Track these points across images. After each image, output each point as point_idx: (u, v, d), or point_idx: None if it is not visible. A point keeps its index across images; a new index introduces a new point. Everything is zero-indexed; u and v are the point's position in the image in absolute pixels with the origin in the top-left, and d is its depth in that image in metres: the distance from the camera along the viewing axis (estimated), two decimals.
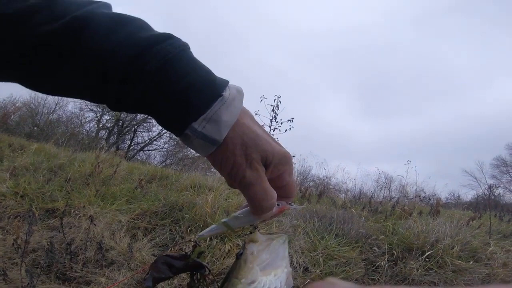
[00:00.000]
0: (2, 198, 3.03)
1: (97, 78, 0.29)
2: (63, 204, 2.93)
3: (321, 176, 8.29)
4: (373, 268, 2.77)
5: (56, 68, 0.29)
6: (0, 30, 0.28)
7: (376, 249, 2.99)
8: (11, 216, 2.83)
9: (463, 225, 3.74)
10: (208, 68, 0.32)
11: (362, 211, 4.35)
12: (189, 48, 0.32)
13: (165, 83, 0.29)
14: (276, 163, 0.34)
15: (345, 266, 2.68)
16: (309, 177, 9.78)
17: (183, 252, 0.41)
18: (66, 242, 2.30)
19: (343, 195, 6.76)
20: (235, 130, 0.32)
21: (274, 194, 0.34)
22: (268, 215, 0.36)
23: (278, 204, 0.37)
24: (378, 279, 2.61)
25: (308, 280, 2.46)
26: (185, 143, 0.33)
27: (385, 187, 8.74)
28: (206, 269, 0.40)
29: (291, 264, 2.65)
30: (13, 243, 2.18)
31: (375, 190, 7.35)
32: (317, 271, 2.57)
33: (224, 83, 0.32)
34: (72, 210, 2.87)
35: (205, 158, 0.34)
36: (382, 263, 2.75)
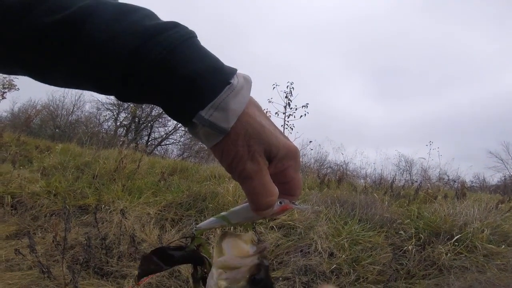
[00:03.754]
0: (37, 197, 3.18)
1: (102, 68, 0.29)
2: (94, 200, 3.07)
3: (338, 162, 8.20)
4: (400, 252, 2.74)
5: (60, 59, 0.29)
6: (4, 21, 0.28)
7: (403, 233, 2.96)
8: (47, 215, 2.97)
9: (492, 208, 3.62)
10: (216, 56, 0.32)
11: (384, 195, 4.28)
12: (196, 36, 0.31)
13: (171, 72, 0.29)
14: (280, 157, 0.33)
15: (371, 251, 2.67)
16: (326, 163, 9.71)
17: (182, 243, 0.40)
18: (100, 237, 2.41)
19: (362, 180, 6.67)
20: (240, 119, 0.30)
21: (274, 190, 0.32)
22: (267, 213, 0.34)
23: (280, 202, 0.35)
24: (406, 263, 2.59)
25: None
26: (191, 133, 0.33)
27: (406, 171, 8.56)
28: (206, 261, 0.39)
29: (316, 249, 2.67)
30: (52, 241, 2.31)
31: (396, 174, 7.21)
32: (343, 256, 2.57)
33: (232, 71, 0.31)
34: (103, 206, 2.99)
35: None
36: (409, 247, 2.71)
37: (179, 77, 0.29)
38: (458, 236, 2.79)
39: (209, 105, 0.29)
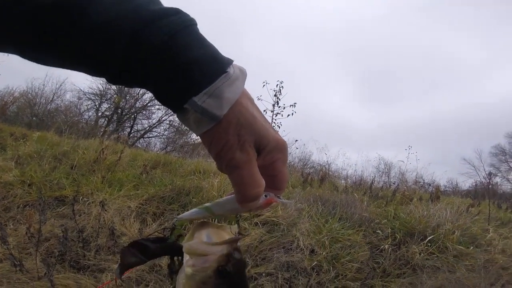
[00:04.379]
0: (10, 187, 3.03)
1: (99, 50, 0.29)
2: (72, 191, 2.96)
3: (321, 162, 8.36)
4: (377, 251, 2.84)
5: (58, 40, 0.28)
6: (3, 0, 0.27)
7: (380, 232, 3.06)
8: (20, 206, 2.84)
9: (463, 211, 3.82)
10: (214, 46, 0.32)
11: (364, 196, 4.41)
12: (196, 24, 0.32)
13: (170, 58, 0.29)
14: (270, 149, 0.33)
15: (350, 249, 2.75)
16: (310, 163, 9.88)
17: (161, 235, 0.39)
18: (77, 230, 2.33)
19: (343, 181, 6.83)
20: (233, 108, 0.31)
21: (262, 182, 0.32)
22: (253, 205, 0.34)
23: (265, 196, 0.34)
24: (382, 262, 2.69)
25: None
26: (180, 120, 0.33)
27: (385, 173, 8.86)
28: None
29: (298, 246, 2.71)
30: (26, 232, 2.20)
31: (375, 176, 7.44)
32: (323, 253, 2.63)
33: (229, 62, 0.32)
34: (81, 197, 2.89)
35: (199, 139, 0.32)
36: (385, 246, 2.82)
37: (178, 62, 0.29)
38: (431, 237, 2.93)
39: (203, 91, 0.29)
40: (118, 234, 2.41)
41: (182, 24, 0.30)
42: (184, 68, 0.29)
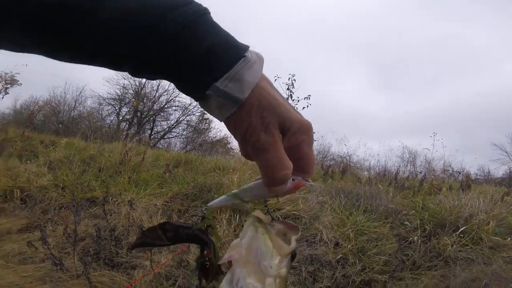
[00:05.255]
0: (46, 191, 3.22)
1: (114, 45, 0.29)
2: (101, 193, 3.09)
3: (342, 154, 8.18)
4: (406, 243, 2.75)
5: (76, 36, 0.29)
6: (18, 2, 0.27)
7: (408, 224, 2.97)
8: (56, 208, 3.01)
9: (498, 200, 3.61)
10: (229, 33, 0.32)
11: (389, 187, 4.27)
12: (209, 13, 0.32)
13: (185, 47, 0.29)
14: (294, 131, 0.32)
15: (377, 241, 2.69)
16: (329, 155, 9.70)
17: (192, 222, 0.38)
18: (109, 229, 2.43)
19: (366, 172, 6.65)
20: (254, 91, 0.31)
21: (289, 164, 0.32)
22: (281, 189, 0.33)
23: (293, 179, 0.34)
24: (411, 254, 2.60)
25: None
26: (203, 107, 0.33)
27: (410, 163, 8.53)
28: (211, 244, 0.37)
29: (321, 239, 2.68)
30: (63, 233, 2.33)
31: (399, 165, 7.16)
32: (348, 246, 2.59)
33: (246, 47, 0.32)
34: (110, 198, 3.02)
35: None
36: (414, 238, 2.73)
37: (195, 51, 0.29)
38: (463, 228, 2.80)
39: (224, 76, 0.30)
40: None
41: (196, 14, 0.30)
42: (203, 55, 0.30)
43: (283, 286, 0.32)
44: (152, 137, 12.57)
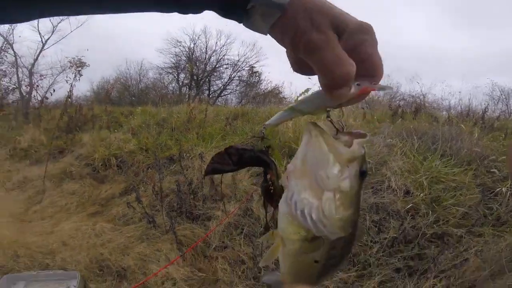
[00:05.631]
0: (134, 155, 3.76)
1: None
2: (177, 150, 3.53)
3: (414, 93, 7.08)
4: (491, 195, 2.39)
5: None
6: None
7: (496, 171, 2.53)
8: (144, 169, 3.49)
9: None
10: None
11: (474, 127, 3.59)
12: None
13: None
14: (351, 31, 0.29)
15: (455, 191, 2.40)
16: (398, 95, 8.42)
17: (252, 145, 0.37)
18: (187, 183, 2.73)
19: (444, 112, 5.62)
20: None
21: (350, 60, 0.28)
22: (344, 94, 0.28)
23: (358, 84, 0.29)
24: (496, 208, 2.25)
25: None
26: (248, 26, 0.33)
27: (502, 101, 7.05)
28: (272, 165, 0.35)
29: (389, 187, 2.49)
30: (152, 191, 2.69)
31: (488, 104, 5.84)
32: (421, 195, 2.37)
33: None
34: (184, 154, 3.43)
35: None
36: (502, 189, 2.32)
37: None
38: None
39: None
40: (217, 182, 2.70)
41: None
42: None
43: (346, 204, 0.27)
44: (210, 96, 13.24)
